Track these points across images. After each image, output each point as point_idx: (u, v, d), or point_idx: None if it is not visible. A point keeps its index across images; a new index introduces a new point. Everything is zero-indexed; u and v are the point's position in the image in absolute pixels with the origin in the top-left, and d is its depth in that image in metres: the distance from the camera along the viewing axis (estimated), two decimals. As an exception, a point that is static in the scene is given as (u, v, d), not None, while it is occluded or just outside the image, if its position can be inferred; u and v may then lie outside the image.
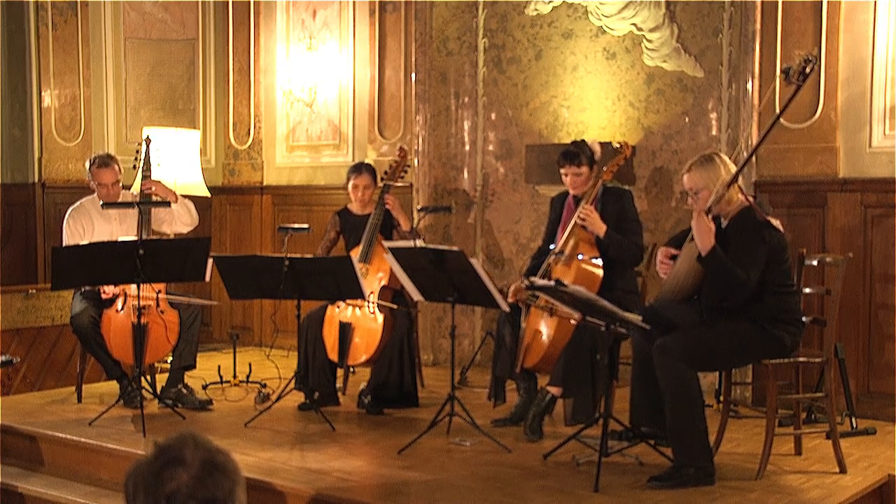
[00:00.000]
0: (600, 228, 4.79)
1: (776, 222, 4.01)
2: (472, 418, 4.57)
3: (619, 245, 4.79)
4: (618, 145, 5.18)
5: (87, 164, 5.55)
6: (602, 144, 5.22)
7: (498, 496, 3.83)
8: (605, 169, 4.95)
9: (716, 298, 4.01)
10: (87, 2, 7.25)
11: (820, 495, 3.89)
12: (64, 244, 5.39)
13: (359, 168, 5.69)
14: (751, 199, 4.07)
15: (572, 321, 4.61)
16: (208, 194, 6.91)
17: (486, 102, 6.76)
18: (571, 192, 5.00)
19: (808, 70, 3.98)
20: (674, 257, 4.15)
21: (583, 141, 5.10)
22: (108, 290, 5.28)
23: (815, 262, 4.50)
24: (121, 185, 5.54)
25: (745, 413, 5.13)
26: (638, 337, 4.20)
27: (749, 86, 5.47)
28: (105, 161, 5.50)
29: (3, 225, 6.94)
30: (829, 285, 4.45)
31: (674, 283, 4.10)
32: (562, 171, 4.97)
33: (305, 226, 5.77)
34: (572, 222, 4.88)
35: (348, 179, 5.65)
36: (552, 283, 3.93)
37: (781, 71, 4.11)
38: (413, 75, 6.75)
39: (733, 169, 4.04)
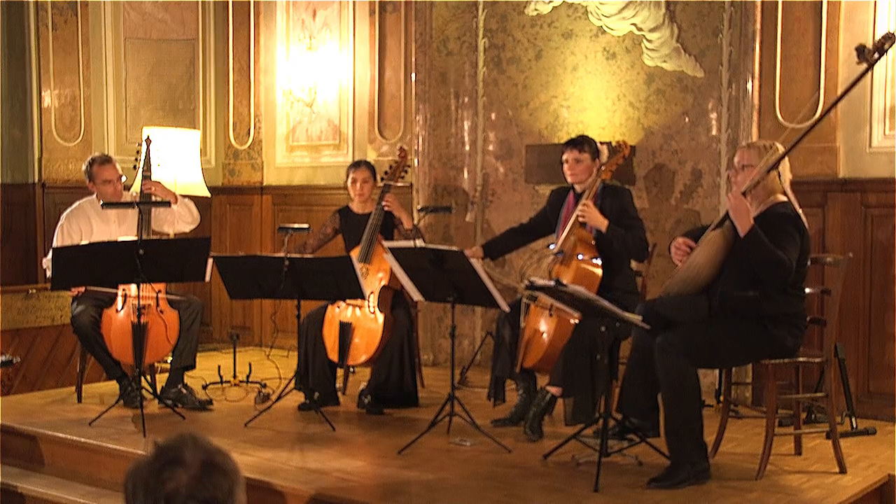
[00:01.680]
0: (601, 223, 4.78)
1: (804, 218, 4.04)
2: (472, 418, 4.58)
3: (622, 239, 4.78)
4: (616, 145, 5.17)
5: (86, 167, 5.52)
6: (602, 144, 5.23)
7: (498, 496, 3.83)
8: (603, 167, 4.95)
9: (748, 278, 3.98)
10: (87, 2, 7.25)
11: (820, 495, 3.89)
12: (55, 245, 5.36)
13: (357, 163, 5.72)
14: (791, 195, 4.07)
15: (572, 321, 4.61)
16: (208, 194, 6.90)
17: (486, 102, 6.76)
18: (570, 180, 4.99)
19: (886, 47, 3.88)
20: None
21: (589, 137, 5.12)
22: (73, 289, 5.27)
23: (815, 262, 4.50)
24: (123, 182, 5.54)
25: (745, 413, 5.13)
26: (638, 332, 4.19)
27: (749, 86, 5.47)
28: (106, 158, 5.53)
29: (3, 225, 6.94)
30: (829, 285, 4.45)
31: (688, 274, 4.08)
32: (563, 157, 4.97)
33: (305, 226, 5.76)
34: (572, 220, 4.88)
35: (347, 175, 5.67)
36: (552, 282, 3.93)
37: (855, 49, 4.00)
38: (413, 75, 6.75)
39: (786, 164, 4.05)
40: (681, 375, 3.91)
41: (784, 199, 4.06)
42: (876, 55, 3.90)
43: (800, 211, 4.05)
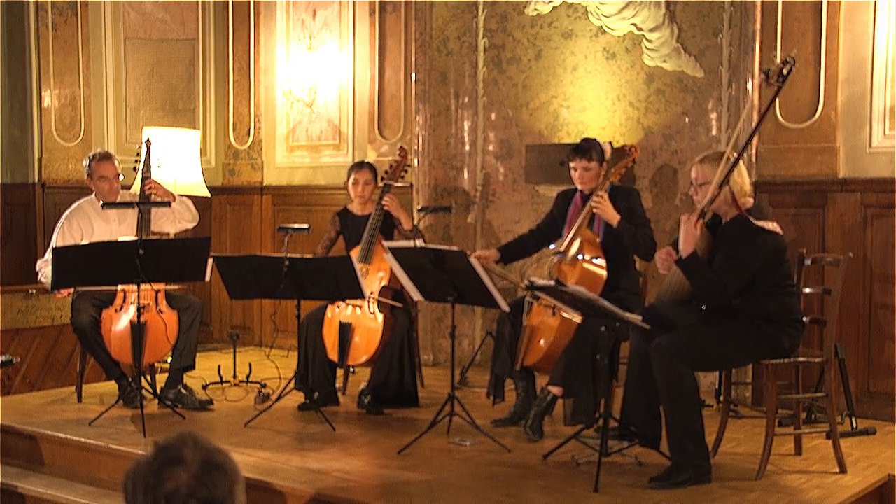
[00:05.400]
0: (613, 217, 4.77)
1: (771, 226, 3.99)
2: (472, 418, 4.57)
3: (633, 235, 4.77)
4: (627, 149, 5.14)
5: (86, 162, 5.54)
6: (605, 143, 5.22)
7: (498, 496, 3.83)
8: (612, 171, 4.94)
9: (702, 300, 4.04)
10: (87, 2, 7.25)
11: (820, 495, 3.89)
12: (55, 245, 5.35)
13: (360, 164, 5.72)
14: (743, 209, 4.02)
15: (574, 319, 4.60)
16: (208, 194, 6.90)
17: (486, 102, 6.76)
18: (579, 187, 4.99)
19: (785, 72, 4.00)
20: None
21: (594, 139, 5.10)
22: None
23: (815, 262, 4.50)
24: (121, 181, 5.55)
25: (745, 413, 5.13)
26: (636, 338, 4.20)
27: (749, 86, 5.47)
28: (105, 155, 5.55)
29: (3, 225, 6.94)
30: (829, 285, 4.45)
31: (672, 284, 4.11)
32: (571, 164, 4.95)
33: (305, 226, 5.76)
34: (579, 221, 4.86)
35: (349, 176, 5.66)
36: (552, 283, 3.93)
37: (762, 72, 4.14)
38: (413, 75, 6.75)
39: (744, 171, 4.05)
40: (677, 378, 3.91)
41: (748, 204, 4.03)
42: (779, 79, 4.02)
43: (760, 223, 3.96)
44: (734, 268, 3.91)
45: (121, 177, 5.54)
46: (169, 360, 5.44)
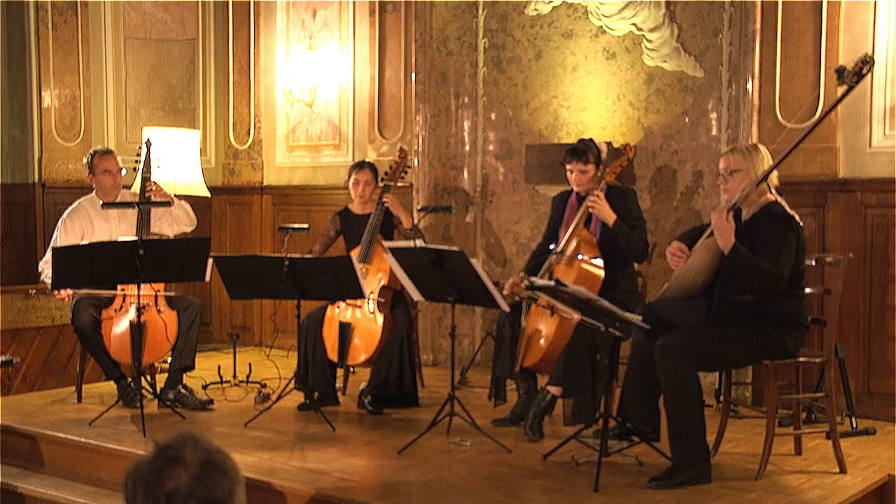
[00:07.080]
0: (609, 216, 4.77)
1: (797, 218, 4.03)
2: (472, 418, 4.57)
3: (627, 236, 4.77)
4: (621, 147, 5.14)
5: (87, 158, 5.55)
6: (604, 143, 5.22)
7: (498, 496, 3.83)
8: (607, 170, 4.94)
9: (737, 291, 3.99)
10: (87, 2, 7.25)
11: (820, 495, 3.89)
12: (56, 244, 5.35)
13: (360, 164, 5.72)
14: (778, 196, 4.06)
15: (573, 319, 4.60)
16: (208, 194, 6.90)
17: (486, 102, 6.76)
18: (575, 189, 4.99)
19: (864, 71, 3.94)
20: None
21: (591, 139, 5.09)
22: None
23: (814, 262, 4.50)
24: (123, 175, 5.56)
25: (745, 413, 5.13)
26: (638, 335, 4.19)
27: (749, 86, 5.47)
28: (107, 150, 5.59)
29: (3, 225, 6.95)
30: (829, 285, 4.45)
31: (684, 279, 4.08)
32: (568, 166, 4.94)
33: (305, 226, 5.77)
34: (575, 220, 4.87)
35: (349, 176, 5.66)
36: (552, 282, 3.93)
37: (835, 70, 4.08)
38: (413, 75, 6.75)
39: (771, 161, 4.05)
40: (681, 378, 3.90)
41: (773, 198, 4.05)
42: (855, 78, 3.95)
43: (791, 211, 4.04)
44: (782, 250, 3.89)
45: (123, 171, 5.55)
46: (169, 360, 5.44)
